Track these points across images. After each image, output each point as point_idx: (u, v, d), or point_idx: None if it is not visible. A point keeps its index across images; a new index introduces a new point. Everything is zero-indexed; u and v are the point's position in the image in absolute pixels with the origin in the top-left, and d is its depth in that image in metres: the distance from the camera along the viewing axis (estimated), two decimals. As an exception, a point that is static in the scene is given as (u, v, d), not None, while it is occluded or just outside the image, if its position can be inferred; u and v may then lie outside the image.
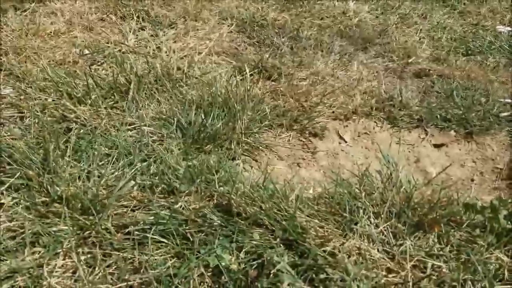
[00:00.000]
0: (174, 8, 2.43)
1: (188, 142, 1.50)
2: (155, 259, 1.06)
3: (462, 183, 1.50)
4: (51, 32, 2.10)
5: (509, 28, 2.74)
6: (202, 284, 1.03)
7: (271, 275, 1.01)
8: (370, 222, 1.16)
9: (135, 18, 2.29)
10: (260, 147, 1.57)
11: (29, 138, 1.43)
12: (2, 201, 1.19)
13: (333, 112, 1.75)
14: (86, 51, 2.01)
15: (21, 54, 1.89)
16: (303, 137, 1.66)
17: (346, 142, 1.65)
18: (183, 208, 1.19)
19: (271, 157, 1.56)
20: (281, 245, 1.12)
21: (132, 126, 1.58)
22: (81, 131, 1.49)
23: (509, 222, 1.16)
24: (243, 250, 1.10)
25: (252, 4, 2.59)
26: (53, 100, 1.62)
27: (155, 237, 1.09)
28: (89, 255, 1.08)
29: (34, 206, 1.18)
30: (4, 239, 1.09)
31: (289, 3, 2.62)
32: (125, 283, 1.02)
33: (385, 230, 1.15)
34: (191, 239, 1.11)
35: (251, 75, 1.90)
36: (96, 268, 1.04)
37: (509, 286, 1.03)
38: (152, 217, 1.15)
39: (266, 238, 1.14)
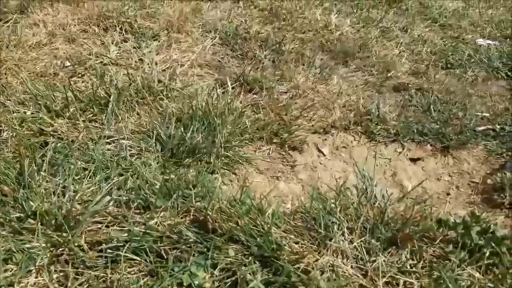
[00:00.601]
0: (157, 20, 2.43)
1: (167, 155, 1.50)
2: (128, 278, 1.05)
3: (438, 197, 1.52)
4: (32, 44, 2.09)
5: (488, 41, 2.80)
6: (175, 302, 1.03)
7: (244, 292, 1.02)
8: (345, 238, 1.17)
9: (118, 29, 2.29)
10: (240, 161, 1.57)
11: (6, 152, 1.42)
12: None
13: (312, 125, 1.77)
14: (67, 63, 2.00)
15: (2, 66, 1.87)
16: (283, 150, 1.67)
17: (324, 155, 1.67)
18: (158, 224, 1.19)
19: (250, 170, 1.56)
20: (256, 261, 1.12)
21: (111, 139, 1.57)
22: (58, 144, 1.48)
23: (481, 238, 1.18)
24: (218, 267, 1.10)
25: (236, 17, 2.61)
26: (31, 113, 1.61)
27: (128, 254, 1.09)
28: (61, 273, 1.07)
29: (9, 223, 1.17)
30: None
31: (272, 17, 2.64)
32: (97, 302, 1.01)
33: (358, 246, 1.16)
34: (165, 256, 1.11)
35: (232, 88, 1.92)
36: (68, 287, 1.03)
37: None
38: (126, 234, 1.15)
39: (242, 254, 1.14)
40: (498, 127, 1.80)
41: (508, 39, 2.79)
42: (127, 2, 2.58)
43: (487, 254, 1.14)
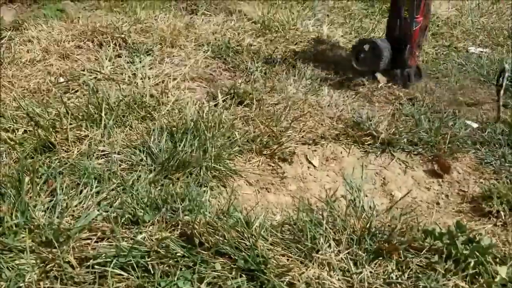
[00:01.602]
0: (151, 35, 2.47)
1: (157, 169, 1.52)
2: (115, 293, 1.06)
3: (427, 206, 1.52)
4: (27, 60, 2.12)
5: (480, 49, 2.82)
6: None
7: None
8: (331, 250, 1.18)
9: (112, 45, 2.32)
10: (229, 173, 1.58)
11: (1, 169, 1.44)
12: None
13: (302, 137, 1.78)
14: (61, 79, 2.03)
15: (-5, 83, 1.91)
16: (272, 162, 1.68)
17: (314, 166, 1.68)
18: (146, 239, 1.20)
19: (240, 183, 1.58)
20: (243, 275, 1.13)
21: (103, 153, 1.59)
22: (51, 160, 1.50)
23: (466, 248, 1.18)
24: (205, 281, 1.11)
25: (228, 31, 2.64)
26: (24, 131, 1.64)
27: (115, 270, 1.10)
28: (49, 290, 1.08)
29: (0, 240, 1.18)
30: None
31: (265, 29, 2.67)
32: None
33: (345, 257, 1.16)
34: (152, 271, 1.12)
35: (223, 100, 1.94)
36: (55, 304, 1.04)
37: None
38: (114, 249, 1.16)
39: (229, 268, 1.15)
40: (488, 135, 1.81)
41: (499, 47, 2.81)
42: (121, 18, 2.62)
43: (472, 263, 1.14)
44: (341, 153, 1.73)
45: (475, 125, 1.87)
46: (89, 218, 1.27)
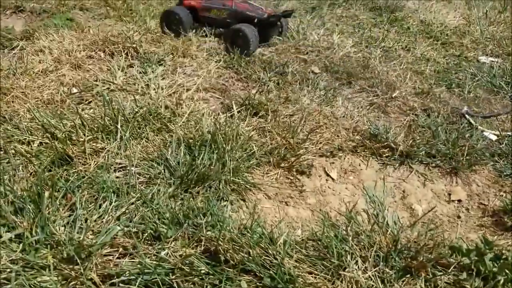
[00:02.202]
0: (162, 44, 2.46)
1: (176, 183, 1.50)
2: (141, 313, 1.04)
3: (449, 220, 1.51)
4: (39, 71, 2.11)
5: (491, 58, 2.81)
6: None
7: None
8: (358, 267, 1.16)
9: (123, 55, 2.31)
10: (248, 186, 1.56)
11: (19, 183, 1.42)
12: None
13: (319, 149, 1.77)
14: (74, 90, 2.02)
15: (9, 94, 1.89)
16: (290, 174, 1.67)
17: (333, 179, 1.66)
18: (169, 255, 1.18)
19: (259, 196, 1.56)
20: (270, 293, 1.11)
21: (120, 166, 1.58)
22: (69, 173, 1.48)
23: (495, 265, 1.17)
24: (231, 299, 1.09)
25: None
26: (40, 143, 1.62)
27: (140, 288, 1.08)
28: (73, 309, 1.06)
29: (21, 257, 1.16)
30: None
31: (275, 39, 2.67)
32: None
33: (373, 275, 1.15)
34: (178, 289, 1.10)
35: (238, 112, 1.92)
36: (81, 323, 1.02)
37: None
38: (137, 266, 1.14)
39: (255, 286, 1.13)
40: (506, 147, 1.80)
41: (510, 56, 2.81)
42: (131, 27, 2.62)
43: (502, 281, 1.13)
44: (359, 165, 1.71)
45: (493, 137, 1.85)
46: (110, 234, 1.25)
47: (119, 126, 1.69)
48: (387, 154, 1.75)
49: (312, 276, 1.14)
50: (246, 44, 2.41)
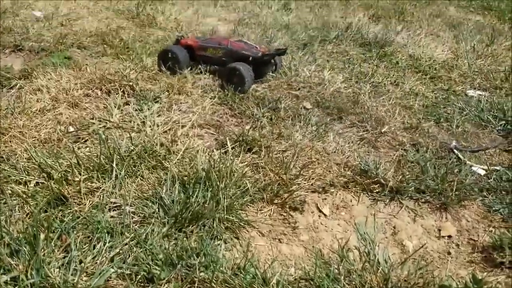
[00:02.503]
0: (158, 82, 2.52)
1: (170, 222, 1.52)
2: None
3: (439, 256, 1.53)
4: (36, 110, 2.15)
5: (479, 92, 2.89)
6: None
7: None
8: (349, 307, 1.18)
9: (120, 92, 2.37)
10: (242, 224, 1.59)
11: (15, 224, 1.43)
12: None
13: (311, 184, 1.80)
14: (71, 128, 2.06)
15: (7, 134, 1.93)
16: (283, 211, 1.69)
17: (325, 215, 1.69)
18: (163, 298, 1.20)
19: (253, 234, 1.58)
20: (262, 335, 1.12)
21: (115, 205, 1.60)
22: (64, 213, 1.50)
23: (484, 303, 1.19)
24: None
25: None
26: (36, 183, 1.64)
27: (134, 333, 1.09)
28: None
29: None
30: None
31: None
32: None
33: (364, 315, 1.16)
34: (171, 332, 1.10)
35: (232, 148, 1.96)
36: None
37: None
38: (131, 310, 1.15)
39: (247, 327, 1.14)
40: (494, 182, 1.84)
41: (497, 89, 2.89)
42: (128, 65, 2.69)
43: (492, 320, 1.14)
44: (351, 201, 1.75)
45: (482, 172, 1.90)
46: (104, 276, 1.27)
47: (114, 165, 1.73)
48: (377, 190, 1.78)
49: (304, 317, 1.15)
50: (242, 82, 2.48)
